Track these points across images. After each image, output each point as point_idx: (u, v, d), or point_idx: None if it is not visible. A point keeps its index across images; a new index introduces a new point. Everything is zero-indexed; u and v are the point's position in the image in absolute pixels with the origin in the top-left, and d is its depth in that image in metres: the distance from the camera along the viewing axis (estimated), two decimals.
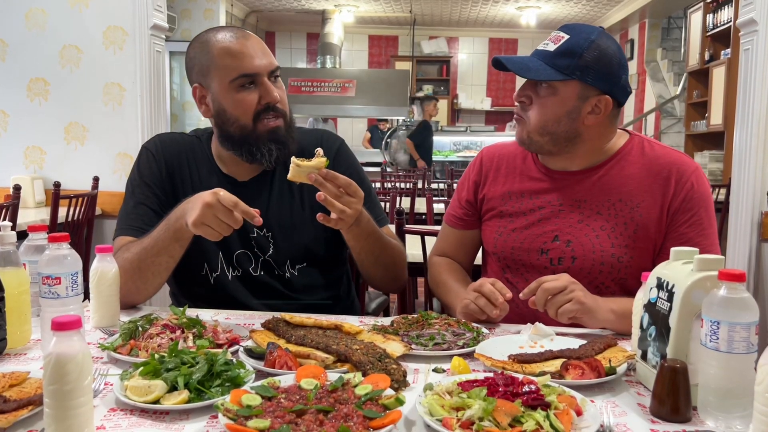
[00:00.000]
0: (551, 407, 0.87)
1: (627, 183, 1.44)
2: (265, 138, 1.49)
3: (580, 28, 1.41)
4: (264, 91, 1.47)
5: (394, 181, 5.95)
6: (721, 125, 5.69)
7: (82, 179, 3.41)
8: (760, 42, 2.98)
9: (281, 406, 0.89)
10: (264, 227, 1.55)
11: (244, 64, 1.45)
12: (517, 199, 1.53)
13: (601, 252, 1.42)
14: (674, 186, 1.41)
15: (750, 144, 3.06)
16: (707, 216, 1.41)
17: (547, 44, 1.42)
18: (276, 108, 1.49)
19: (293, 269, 1.58)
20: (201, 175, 1.58)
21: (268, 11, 9.65)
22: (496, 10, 9.39)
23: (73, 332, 0.82)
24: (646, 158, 1.45)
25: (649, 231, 1.41)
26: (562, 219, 1.46)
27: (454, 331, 1.28)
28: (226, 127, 1.50)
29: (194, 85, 1.52)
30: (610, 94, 1.40)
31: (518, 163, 1.56)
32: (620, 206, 1.43)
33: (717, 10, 6.07)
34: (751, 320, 0.89)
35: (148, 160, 1.59)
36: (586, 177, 1.47)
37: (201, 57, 1.49)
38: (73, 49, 3.39)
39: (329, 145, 1.63)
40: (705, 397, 0.93)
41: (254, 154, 1.50)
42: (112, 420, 0.91)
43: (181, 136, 1.65)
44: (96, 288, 1.31)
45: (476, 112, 10.93)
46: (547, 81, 1.38)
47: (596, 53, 1.37)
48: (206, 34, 1.51)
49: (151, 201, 1.55)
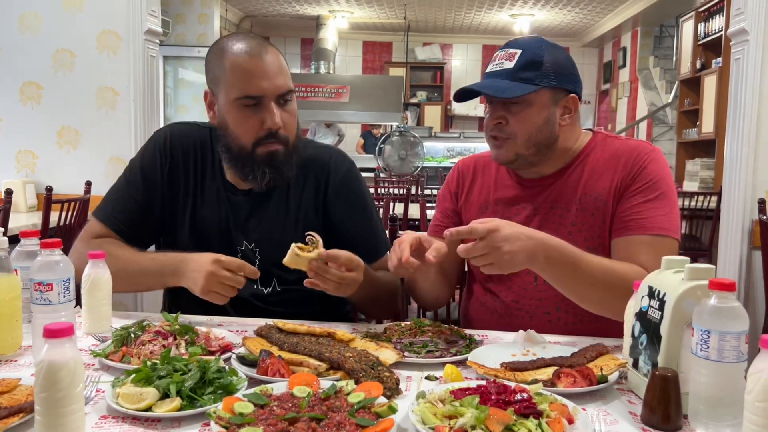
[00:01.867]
0: (543, 415, 0.88)
1: (591, 176, 1.47)
2: (261, 161, 1.45)
3: (527, 40, 1.47)
4: (267, 115, 1.41)
5: (388, 186, 5.95)
6: (713, 133, 5.72)
7: (75, 184, 3.39)
8: (751, 51, 3.01)
9: (274, 413, 0.89)
10: (253, 241, 1.53)
11: (251, 84, 1.40)
12: (493, 209, 1.55)
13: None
14: (629, 167, 1.44)
15: (741, 152, 3.08)
16: (656, 188, 1.40)
17: (502, 63, 1.44)
18: (278, 134, 1.44)
19: (279, 288, 1.54)
20: (205, 177, 1.56)
21: (263, 16, 9.65)
22: (489, 17, 9.43)
23: (65, 339, 0.81)
24: (607, 151, 1.49)
25: (609, 216, 1.44)
26: (537, 224, 1.48)
27: (447, 339, 1.28)
28: (227, 140, 1.47)
29: (206, 90, 1.50)
30: (574, 92, 1.46)
31: (492, 174, 1.58)
32: (585, 199, 1.46)
33: (708, 19, 6.11)
34: (741, 329, 0.90)
35: (155, 153, 1.56)
36: (556, 180, 1.50)
37: (215, 65, 1.46)
38: (67, 53, 3.38)
39: (337, 167, 1.59)
40: (696, 406, 0.93)
41: (247, 174, 1.47)
42: (103, 428, 0.91)
43: (195, 130, 1.60)
44: (88, 294, 1.30)
45: (469, 118, 10.97)
46: (521, 96, 1.40)
47: (554, 58, 1.43)
48: (226, 42, 1.46)
49: (141, 198, 1.53)
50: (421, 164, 8.10)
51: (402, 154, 8.08)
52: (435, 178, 8.29)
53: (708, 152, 6.15)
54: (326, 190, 1.57)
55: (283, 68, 1.45)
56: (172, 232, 1.57)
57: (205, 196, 1.55)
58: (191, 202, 1.55)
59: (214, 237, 1.53)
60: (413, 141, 8.05)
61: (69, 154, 3.43)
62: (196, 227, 1.54)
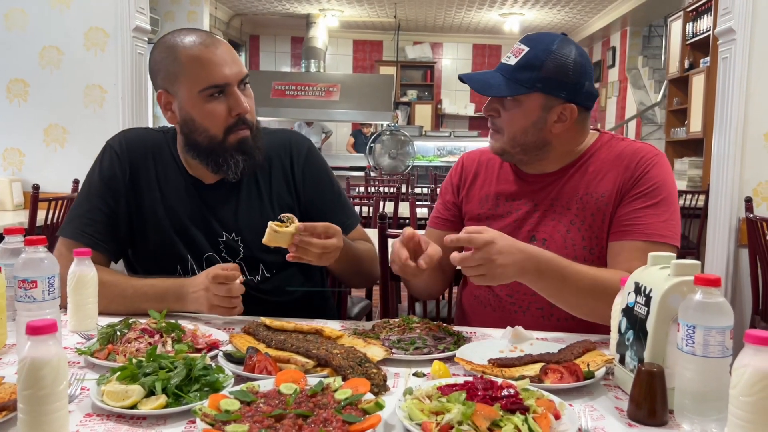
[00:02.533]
0: (530, 411, 0.88)
1: (594, 177, 1.47)
2: (233, 149, 1.45)
3: (540, 38, 1.43)
4: (234, 102, 1.43)
5: (378, 185, 5.95)
6: (701, 132, 5.76)
7: (62, 182, 3.37)
8: (738, 51, 3.03)
9: (260, 410, 0.89)
10: (233, 231, 1.53)
11: (215, 73, 1.40)
12: (493, 202, 1.55)
13: (573, 247, 1.44)
14: (631, 170, 1.43)
15: (728, 151, 3.11)
16: (657, 194, 1.40)
17: (509, 57, 1.44)
18: (246, 120, 1.45)
19: (268, 273, 1.56)
20: (168, 175, 1.54)
21: (253, 14, 9.62)
22: (479, 16, 9.45)
23: (49, 336, 0.81)
24: (611, 152, 1.48)
25: (610, 216, 1.44)
26: (537, 219, 1.48)
27: (435, 336, 1.28)
28: (193, 136, 1.46)
29: (159, 91, 1.47)
30: (574, 102, 1.42)
31: (496, 168, 1.58)
32: (587, 199, 1.45)
33: (696, 19, 6.16)
34: (726, 324, 0.90)
35: (112, 161, 1.53)
36: (559, 177, 1.49)
37: (168, 63, 1.43)
38: (54, 50, 3.35)
39: (298, 147, 1.61)
40: (681, 401, 0.94)
41: (220, 165, 1.47)
42: (87, 425, 0.90)
43: (148, 133, 1.60)
44: (73, 292, 1.29)
45: (460, 117, 10.98)
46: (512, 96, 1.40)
47: (556, 64, 1.38)
48: (173, 38, 1.44)
49: (107, 207, 1.50)
50: (411, 163, 8.11)
51: (392, 153, 8.09)
52: (425, 176, 8.29)
53: (696, 151, 6.20)
54: (293, 170, 1.59)
55: (235, 54, 1.47)
56: (144, 238, 1.54)
57: (173, 193, 1.53)
58: (161, 203, 1.52)
59: (195, 231, 1.53)
60: (404, 140, 8.06)
61: (56, 152, 3.41)
62: (174, 223, 1.53)
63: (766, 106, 3.05)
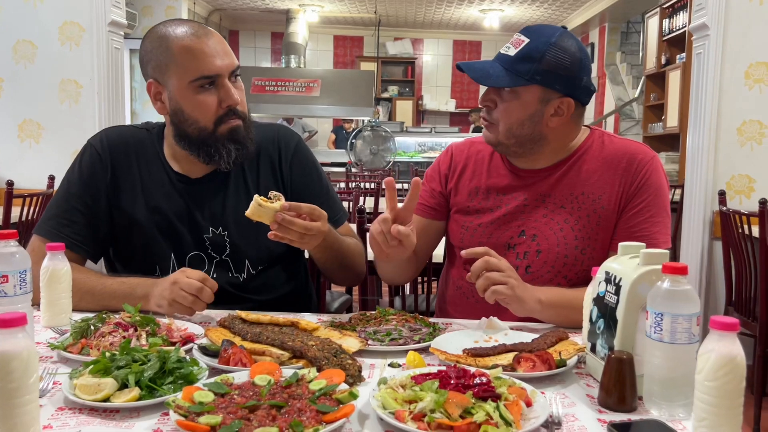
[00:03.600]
0: (501, 398, 0.89)
1: (589, 177, 1.47)
2: (225, 139, 1.44)
3: (541, 30, 1.41)
4: (225, 93, 1.42)
5: (359, 181, 5.95)
6: (677, 127, 5.84)
7: (37, 178, 3.32)
8: (712, 46, 3.08)
9: (234, 402, 0.89)
10: (220, 226, 1.52)
11: (205, 64, 1.40)
12: (483, 195, 1.54)
13: (565, 245, 1.44)
14: (631, 175, 1.44)
15: (702, 145, 3.16)
16: (657, 203, 1.43)
17: (509, 48, 1.42)
18: (236, 111, 1.45)
19: (253, 270, 1.55)
20: (151, 172, 1.53)
21: (232, 10, 9.55)
22: (459, 12, 9.47)
23: (18, 329, 0.80)
24: (605, 151, 1.48)
25: (610, 222, 1.44)
26: (527, 214, 1.48)
27: (411, 327, 1.29)
28: (183, 127, 1.45)
29: (149, 81, 1.47)
30: (572, 96, 1.41)
31: (486, 160, 1.57)
32: (583, 199, 1.46)
33: (673, 15, 6.24)
34: (693, 311, 0.92)
35: (92, 160, 1.51)
36: (551, 174, 1.49)
37: (158, 53, 1.43)
38: (28, 45, 3.30)
39: (286, 141, 1.61)
40: (650, 387, 0.96)
41: (212, 155, 1.46)
42: (59, 419, 0.89)
43: (130, 131, 1.58)
44: (47, 287, 1.28)
45: (441, 113, 11.01)
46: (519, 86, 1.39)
47: (556, 57, 1.37)
48: (165, 28, 1.44)
49: (86, 209, 1.49)
50: (392, 159, 8.12)
51: (374, 149, 8.09)
52: (407, 172, 8.31)
53: (673, 146, 6.28)
54: (281, 163, 1.59)
55: (227, 46, 1.46)
56: (126, 237, 1.52)
57: (156, 191, 1.52)
58: (144, 201, 1.51)
59: (179, 228, 1.51)
60: (385, 136, 8.07)
61: (31, 147, 3.37)
62: (158, 222, 1.51)
63: (738, 101, 3.10)
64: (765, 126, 3.11)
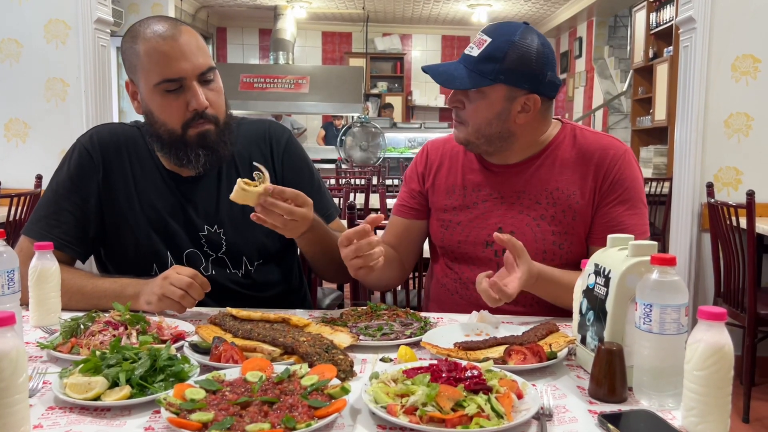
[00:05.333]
0: (493, 391, 0.89)
1: (562, 171, 1.48)
2: (194, 143, 1.42)
3: (503, 29, 1.41)
4: (191, 96, 1.38)
5: (349, 177, 5.94)
6: (665, 120, 5.87)
7: (24, 178, 3.29)
8: (698, 39, 3.09)
9: (226, 398, 0.89)
10: (215, 223, 1.52)
11: (169, 68, 1.36)
12: (460, 192, 1.55)
13: (542, 240, 1.45)
14: (605, 169, 1.46)
15: (689, 138, 3.18)
16: (633, 196, 1.45)
17: (472, 48, 1.42)
18: (205, 114, 1.40)
19: (250, 266, 1.54)
20: (144, 170, 1.51)
21: (219, 6, 9.49)
22: (448, 7, 9.46)
23: (7, 329, 0.79)
24: (578, 146, 1.49)
25: (586, 216, 1.46)
26: (504, 211, 1.49)
27: (402, 321, 1.30)
28: (155, 128, 1.44)
29: (126, 80, 1.46)
30: (537, 92, 1.41)
31: (461, 157, 1.58)
32: (557, 194, 1.47)
33: (660, 8, 6.26)
34: (681, 302, 0.93)
35: (81, 159, 1.49)
36: (524, 169, 1.50)
37: (130, 53, 1.41)
38: (13, 43, 3.27)
39: (277, 136, 1.60)
40: (640, 378, 0.97)
41: (182, 158, 1.44)
42: (50, 418, 0.89)
43: (121, 128, 1.57)
44: (35, 286, 1.27)
45: (430, 108, 11.01)
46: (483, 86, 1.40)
47: (518, 54, 1.37)
48: (138, 27, 1.41)
49: (75, 209, 1.47)
50: (382, 155, 8.11)
51: (363, 145, 8.08)
52: (397, 168, 8.31)
53: (661, 139, 6.32)
54: (273, 159, 1.58)
55: (201, 46, 1.41)
56: (118, 236, 1.50)
57: (150, 189, 1.51)
58: (137, 199, 1.50)
59: (174, 226, 1.50)
60: (374, 132, 8.05)
61: (17, 147, 3.34)
62: (152, 220, 1.50)
63: (725, 94, 3.12)
64: (752, 118, 3.13)
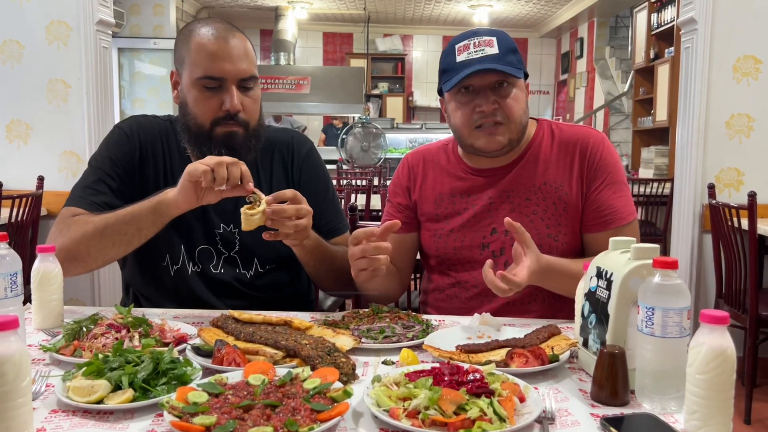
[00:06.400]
0: (495, 394, 0.89)
1: (547, 166, 1.51)
2: (219, 141, 1.45)
3: (492, 30, 1.49)
4: (227, 97, 1.43)
5: (350, 178, 5.94)
6: (666, 121, 5.87)
7: (26, 179, 3.29)
8: (700, 40, 3.09)
9: (228, 402, 0.89)
10: (231, 222, 1.53)
11: (213, 65, 1.42)
12: (449, 200, 1.56)
13: (537, 235, 1.45)
14: (588, 157, 1.50)
15: (691, 139, 3.17)
16: (616, 179, 1.50)
17: (483, 49, 1.43)
18: (236, 117, 1.44)
19: (261, 268, 1.56)
20: (173, 163, 1.55)
21: (220, 7, 9.50)
22: (449, 8, 9.46)
23: (10, 332, 0.80)
24: (556, 140, 1.53)
25: (576, 206, 1.49)
26: (495, 211, 1.51)
27: (404, 324, 1.30)
28: (186, 120, 1.48)
29: (173, 70, 1.52)
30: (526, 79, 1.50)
31: (443, 165, 1.59)
32: (546, 188, 1.50)
33: (661, 9, 6.26)
34: (684, 305, 0.93)
35: (120, 140, 1.54)
36: (509, 169, 1.52)
37: (181, 45, 1.48)
38: (14, 44, 3.27)
39: (300, 145, 1.64)
40: (642, 381, 0.97)
41: (205, 153, 1.44)
42: (53, 422, 0.89)
43: (156, 120, 1.61)
44: (38, 289, 1.27)
45: (431, 109, 11.00)
46: (513, 78, 1.43)
47: (516, 47, 1.46)
48: (194, 24, 1.49)
49: (114, 180, 1.49)
50: (383, 156, 8.11)
51: (364, 146, 8.08)
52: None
53: (662, 140, 6.31)
54: (292, 165, 1.62)
55: (248, 54, 1.47)
56: None
57: (176, 182, 1.51)
58: (164, 189, 1.49)
59: (191, 222, 1.52)
60: (375, 132, 8.05)
61: (19, 148, 3.33)
62: None
63: (726, 95, 3.12)
64: (753, 119, 3.13)
